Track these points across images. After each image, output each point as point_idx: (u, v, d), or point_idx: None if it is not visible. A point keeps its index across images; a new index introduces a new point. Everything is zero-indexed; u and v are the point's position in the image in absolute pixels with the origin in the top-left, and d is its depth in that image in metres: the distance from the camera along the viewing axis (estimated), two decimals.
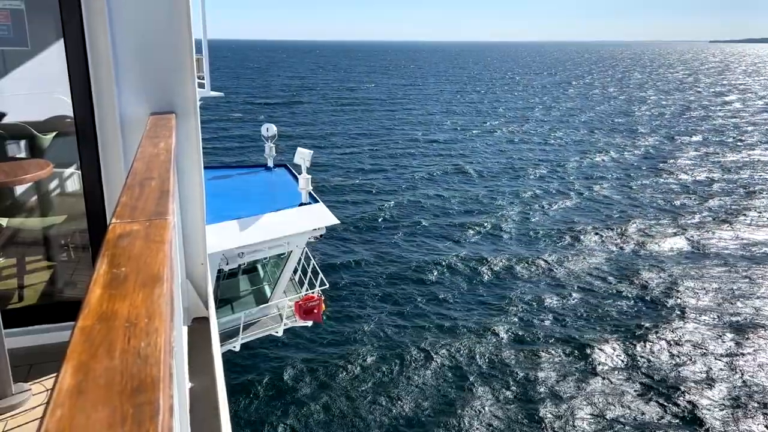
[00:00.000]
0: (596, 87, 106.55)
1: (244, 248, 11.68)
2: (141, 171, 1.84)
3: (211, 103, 59.10)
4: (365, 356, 17.66)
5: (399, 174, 39.48)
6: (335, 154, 44.85)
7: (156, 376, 0.74)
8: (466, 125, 59.84)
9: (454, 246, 26.35)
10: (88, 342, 0.81)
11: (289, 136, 47.57)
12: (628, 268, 24.25)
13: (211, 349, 3.39)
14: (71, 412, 0.66)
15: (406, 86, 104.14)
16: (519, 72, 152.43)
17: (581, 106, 77.33)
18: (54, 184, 4.35)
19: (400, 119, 63.61)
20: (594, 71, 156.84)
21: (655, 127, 59.94)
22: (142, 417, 0.66)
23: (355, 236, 27.22)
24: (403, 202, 32.90)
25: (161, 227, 1.30)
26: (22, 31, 3.34)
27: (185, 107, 3.26)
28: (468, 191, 35.48)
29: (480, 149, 48.49)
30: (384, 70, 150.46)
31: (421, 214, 30.93)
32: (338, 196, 33.14)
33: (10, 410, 2.77)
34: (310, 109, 70.07)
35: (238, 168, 17.71)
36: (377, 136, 52.89)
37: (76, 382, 0.72)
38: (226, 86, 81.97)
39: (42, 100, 4.22)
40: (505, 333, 19.11)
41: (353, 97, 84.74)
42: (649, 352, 18.03)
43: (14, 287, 3.88)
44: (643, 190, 36.40)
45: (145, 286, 1.00)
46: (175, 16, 3.12)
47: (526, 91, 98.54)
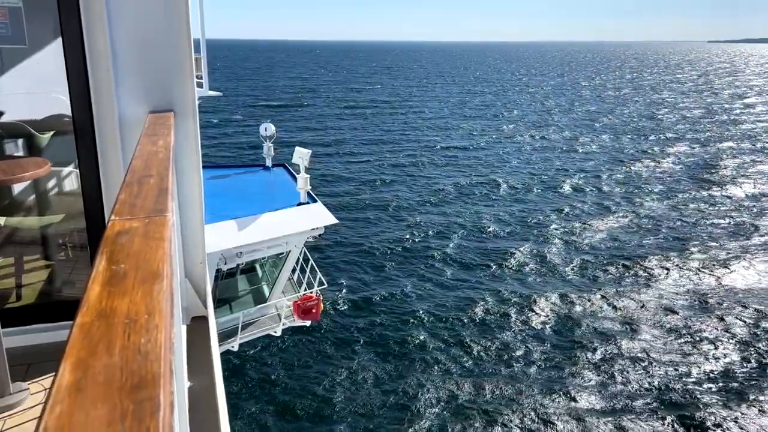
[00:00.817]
0: (609, 88, 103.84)
1: (243, 248, 11.66)
2: (140, 168, 1.83)
3: (210, 104, 58.75)
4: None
5: (417, 182, 37.62)
6: (345, 161, 42.96)
7: (156, 373, 0.73)
8: (482, 130, 57.13)
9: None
10: (87, 339, 0.80)
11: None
12: (700, 300, 21.46)
13: (210, 349, 3.38)
14: (70, 409, 0.65)
15: (412, 87, 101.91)
16: (525, 73, 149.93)
17: (599, 108, 74.61)
18: (52, 183, 4.34)
19: (411, 123, 60.99)
20: (602, 72, 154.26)
21: (682, 132, 57.53)
22: (143, 413, 0.65)
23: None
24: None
25: (160, 224, 1.30)
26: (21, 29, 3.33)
27: (184, 106, 3.26)
28: (493, 203, 33.49)
29: (503, 156, 45.56)
30: (387, 71, 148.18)
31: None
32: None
33: (8, 410, 2.76)
34: (316, 113, 67.36)
35: (236, 167, 17.69)
36: (389, 143, 50.57)
37: (75, 379, 0.71)
38: (226, 87, 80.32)
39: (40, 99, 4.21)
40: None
41: (360, 99, 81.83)
42: None
43: (12, 286, 3.87)
44: (688, 204, 33.32)
45: (145, 283, 0.99)
46: (173, 15, 3.12)
47: (538, 93, 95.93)
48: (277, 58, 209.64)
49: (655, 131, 57.95)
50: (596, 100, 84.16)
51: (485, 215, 30.88)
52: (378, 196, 33.95)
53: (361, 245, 26.03)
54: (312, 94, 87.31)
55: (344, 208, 30.45)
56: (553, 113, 69.76)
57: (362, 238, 27.08)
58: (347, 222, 28.07)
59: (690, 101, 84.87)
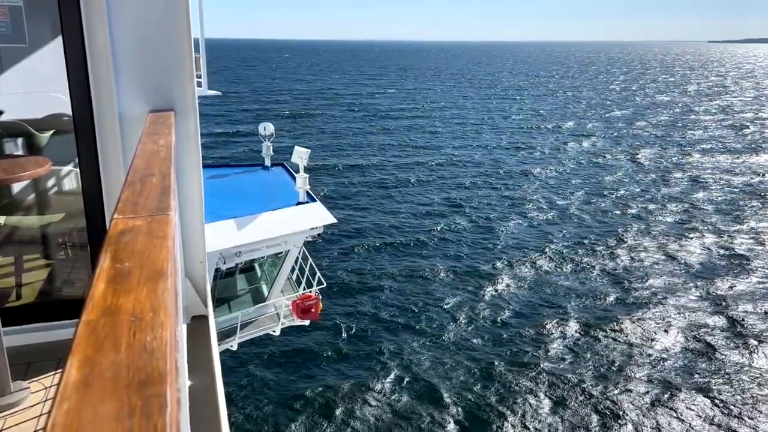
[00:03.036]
0: (636, 93, 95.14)
1: (242, 247, 11.65)
2: (141, 167, 1.83)
3: (211, 104, 57.89)
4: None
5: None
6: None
7: (163, 370, 0.74)
8: (513, 141, 51.53)
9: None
10: (94, 336, 0.81)
11: (327, 166, 40.15)
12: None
13: (210, 348, 3.39)
14: (79, 405, 0.66)
15: (426, 90, 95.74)
16: (541, 74, 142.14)
17: (635, 114, 68.72)
18: (51, 182, 4.34)
19: (437, 132, 56.00)
20: (618, 74, 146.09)
21: (748, 144, 51.86)
22: (151, 410, 0.66)
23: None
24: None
25: (163, 223, 1.30)
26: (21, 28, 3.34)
27: (184, 105, 3.26)
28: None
29: (543, 175, 40.13)
30: (399, 72, 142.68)
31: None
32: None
33: (9, 408, 2.77)
34: (333, 120, 61.53)
35: (235, 167, 17.67)
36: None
37: (82, 376, 0.71)
38: (227, 89, 78.04)
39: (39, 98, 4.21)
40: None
41: (379, 104, 75.65)
42: None
43: (12, 285, 3.87)
44: None
45: (149, 281, 1.00)
46: (173, 14, 3.12)
47: (560, 96, 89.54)
48: (281, 58, 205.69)
49: (711, 143, 52.17)
50: (632, 106, 76.64)
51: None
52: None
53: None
54: (323, 98, 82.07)
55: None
56: (590, 123, 62.07)
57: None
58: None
59: (723, 106, 78.80)
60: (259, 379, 16.35)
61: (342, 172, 39.66)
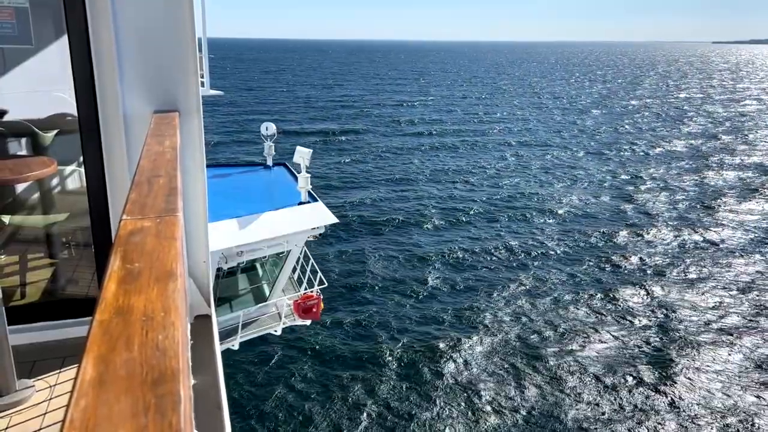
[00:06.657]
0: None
1: (243, 247, 11.67)
2: (148, 168, 1.85)
3: (213, 104, 56.28)
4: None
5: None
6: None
7: (175, 368, 0.76)
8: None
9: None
10: (107, 335, 0.83)
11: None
12: None
13: (213, 347, 3.41)
14: (95, 402, 0.68)
15: (455, 97, 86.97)
16: (560, 77, 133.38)
17: (663, 124, 62.98)
18: (56, 181, 4.36)
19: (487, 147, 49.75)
20: (630, 74, 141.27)
21: None
22: (165, 407, 0.68)
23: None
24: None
25: (171, 224, 1.32)
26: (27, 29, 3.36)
27: (188, 105, 3.28)
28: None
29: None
30: (418, 75, 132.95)
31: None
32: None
33: (14, 406, 2.79)
34: (367, 141, 50.29)
35: (237, 167, 17.69)
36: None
37: (97, 374, 0.73)
38: (237, 96, 75.70)
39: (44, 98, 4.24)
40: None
41: (413, 116, 65.71)
42: None
43: (17, 284, 3.90)
44: None
45: (159, 282, 1.02)
46: (177, 14, 3.14)
47: (579, 101, 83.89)
48: (290, 58, 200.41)
49: (751, 159, 46.89)
50: (659, 116, 69.86)
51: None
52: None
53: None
54: (349, 107, 71.92)
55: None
56: (623, 140, 53.48)
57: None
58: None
59: (753, 113, 74.27)
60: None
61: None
